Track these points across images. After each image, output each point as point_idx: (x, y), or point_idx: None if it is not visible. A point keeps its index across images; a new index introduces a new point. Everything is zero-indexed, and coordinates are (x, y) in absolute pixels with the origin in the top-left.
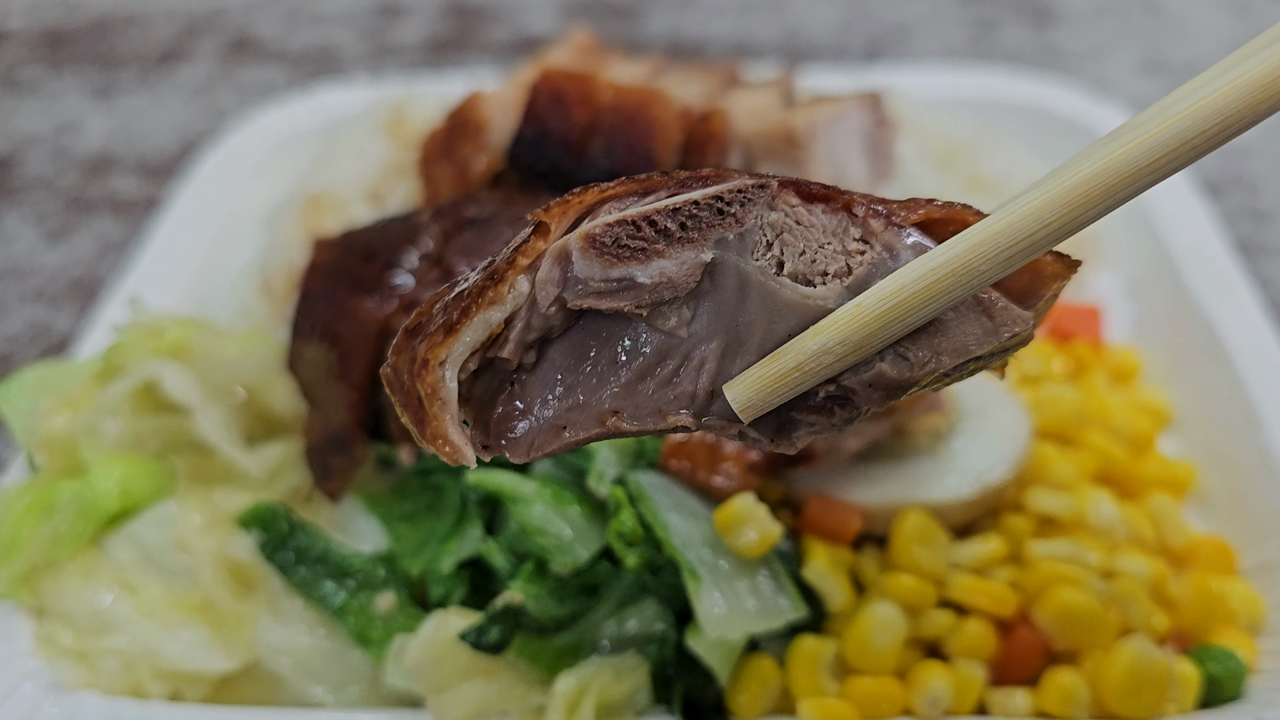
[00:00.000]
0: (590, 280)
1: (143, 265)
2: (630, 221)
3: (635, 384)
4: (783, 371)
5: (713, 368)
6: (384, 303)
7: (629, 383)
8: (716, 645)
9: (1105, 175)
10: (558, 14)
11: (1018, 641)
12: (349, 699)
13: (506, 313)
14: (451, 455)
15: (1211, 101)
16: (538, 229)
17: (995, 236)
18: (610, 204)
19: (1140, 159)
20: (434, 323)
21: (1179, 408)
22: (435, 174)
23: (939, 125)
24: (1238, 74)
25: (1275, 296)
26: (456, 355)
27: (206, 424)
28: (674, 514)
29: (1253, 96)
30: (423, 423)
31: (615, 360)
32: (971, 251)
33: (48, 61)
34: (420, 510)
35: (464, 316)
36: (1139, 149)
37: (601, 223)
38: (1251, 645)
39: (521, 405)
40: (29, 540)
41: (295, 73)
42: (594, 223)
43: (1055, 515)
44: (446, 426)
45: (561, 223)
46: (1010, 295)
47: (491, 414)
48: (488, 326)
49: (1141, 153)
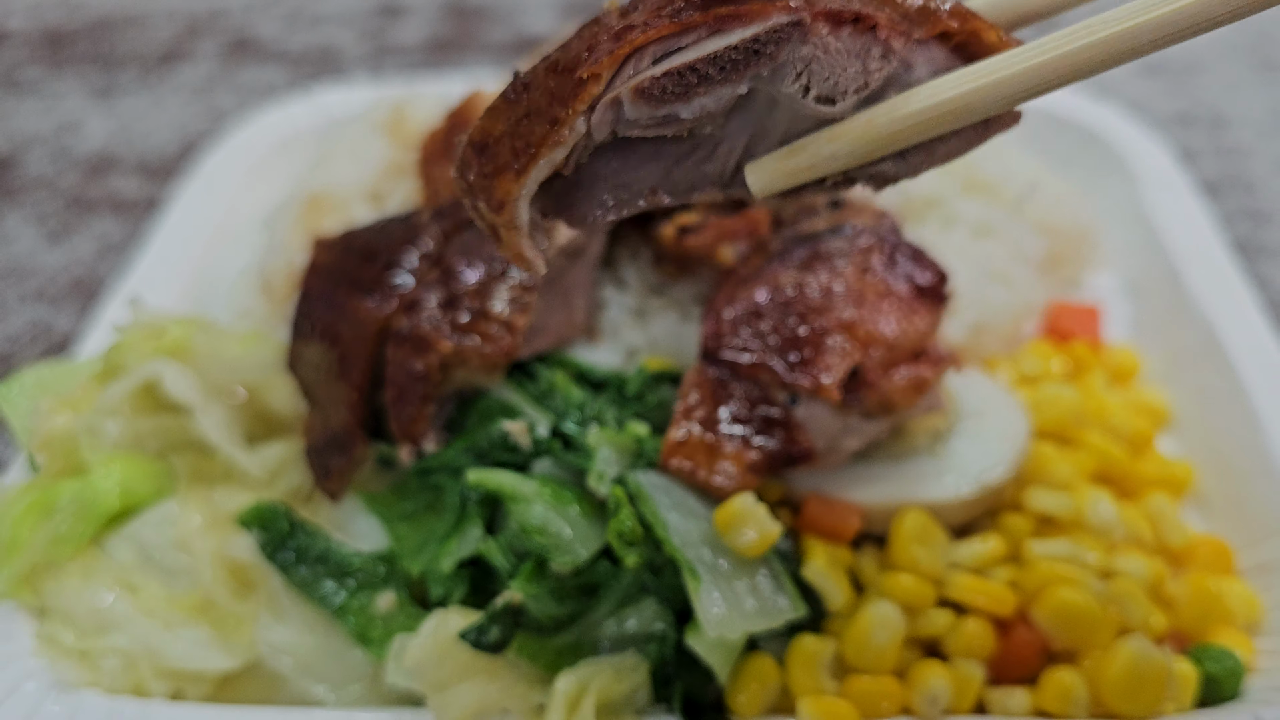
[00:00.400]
0: (640, 120)
1: (143, 265)
2: (675, 72)
3: (673, 168)
4: (798, 167)
5: (739, 153)
6: (384, 303)
7: (667, 168)
8: (716, 644)
9: (1110, 41)
10: (557, 14)
11: (1016, 641)
12: (350, 698)
13: (567, 150)
14: (527, 267)
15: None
16: (589, 80)
17: (998, 82)
18: (653, 46)
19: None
20: (504, 161)
21: (1177, 408)
22: (435, 174)
23: None
24: None
25: (1274, 297)
26: (527, 191)
27: (207, 424)
28: (674, 513)
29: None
30: (500, 242)
31: (657, 156)
32: (975, 94)
33: (48, 62)
34: (420, 510)
35: (531, 161)
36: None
37: (649, 75)
38: (1249, 645)
39: (579, 192)
40: (30, 540)
41: (295, 73)
42: (642, 75)
43: (1054, 515)
44: (522, 246)
45: (609, 71)
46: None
47: (551, 200)
48: (552, 165)
49: (1148, 18)
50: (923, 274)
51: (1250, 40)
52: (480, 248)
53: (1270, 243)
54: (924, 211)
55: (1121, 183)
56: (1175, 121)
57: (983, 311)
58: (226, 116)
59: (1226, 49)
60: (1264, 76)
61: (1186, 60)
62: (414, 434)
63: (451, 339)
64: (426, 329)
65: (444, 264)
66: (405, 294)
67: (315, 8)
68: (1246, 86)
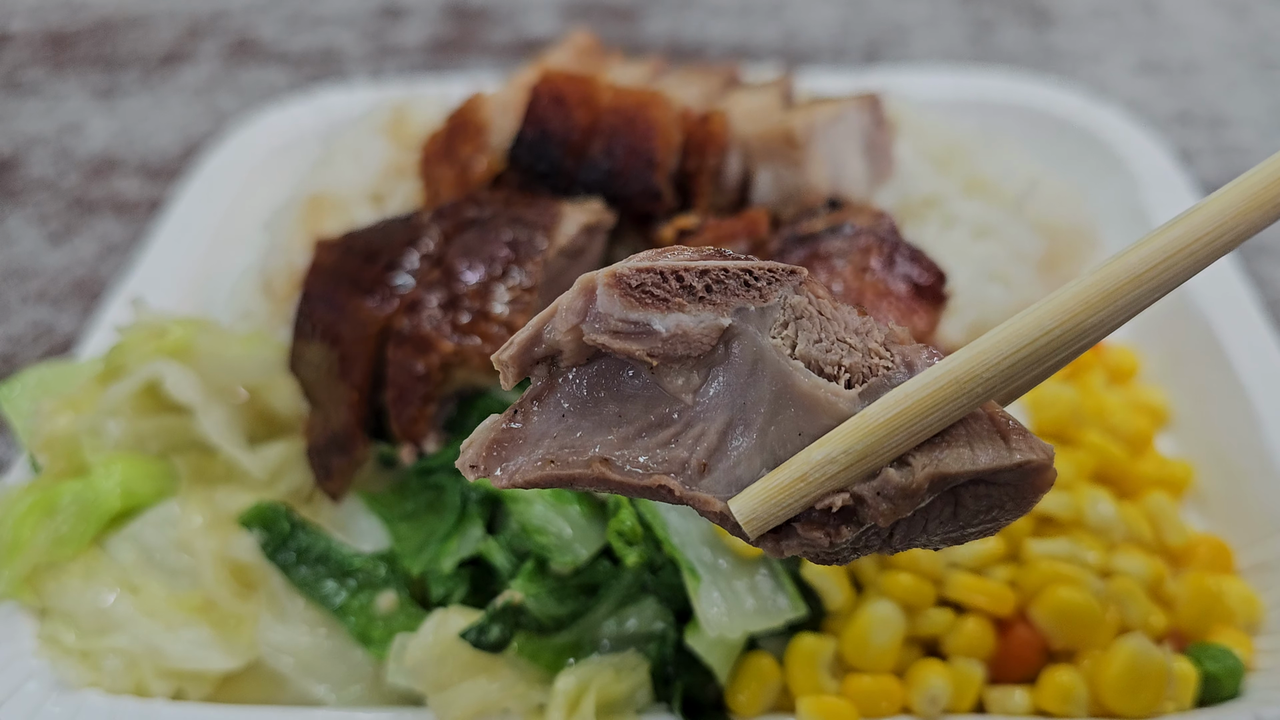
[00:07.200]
0: (609, 317)
1: (145, 266)
2: (658, 271)
3: (632, 438)
4: (787, 482)
5: (711, 442)
6: (385, 303)
7: (626, 436)
8: (716, 644)
9: (1103, 284)
10: (558, 16)
11: (1016, 640)
12: (351, 698)
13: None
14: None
15: (1212, 212)
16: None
17: (998, 344)
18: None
19: (1137, 267)
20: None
21: (1177, 407)
22: (436, 175)
23: (937, 126)
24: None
25: (1273, 296)
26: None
27: (208, 424)
28: (673, 513)
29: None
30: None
31: (620, 411)
32: (975, 360)
33: (50, 63)
34: (421, 510)
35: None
36: (1134, 257)
37: (631, 266)
38: (1249, 644)
39: (521, 437)
40: (31, 541)
41: (297, 75)
42: (624, 265)
43: (1053, 514)
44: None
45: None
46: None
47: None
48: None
49: (1138, 260)
50: (921, 274)
51: (1249, 40)
52: (481, 248)
53: (1270, 242)
54: (923, 211)
55: (1121, 183)
56: (1174, 121)
57: (982, 311)
58: (228, 118)
59: (1224, 50)
60: (1263, 76)
61: (1185, 60)
62: (415, 434)
63: (452, 339)
64: (427, 329)
65: (445, 264)
66: (406, 294)
67: (316, 9)
68: (1245, 86)
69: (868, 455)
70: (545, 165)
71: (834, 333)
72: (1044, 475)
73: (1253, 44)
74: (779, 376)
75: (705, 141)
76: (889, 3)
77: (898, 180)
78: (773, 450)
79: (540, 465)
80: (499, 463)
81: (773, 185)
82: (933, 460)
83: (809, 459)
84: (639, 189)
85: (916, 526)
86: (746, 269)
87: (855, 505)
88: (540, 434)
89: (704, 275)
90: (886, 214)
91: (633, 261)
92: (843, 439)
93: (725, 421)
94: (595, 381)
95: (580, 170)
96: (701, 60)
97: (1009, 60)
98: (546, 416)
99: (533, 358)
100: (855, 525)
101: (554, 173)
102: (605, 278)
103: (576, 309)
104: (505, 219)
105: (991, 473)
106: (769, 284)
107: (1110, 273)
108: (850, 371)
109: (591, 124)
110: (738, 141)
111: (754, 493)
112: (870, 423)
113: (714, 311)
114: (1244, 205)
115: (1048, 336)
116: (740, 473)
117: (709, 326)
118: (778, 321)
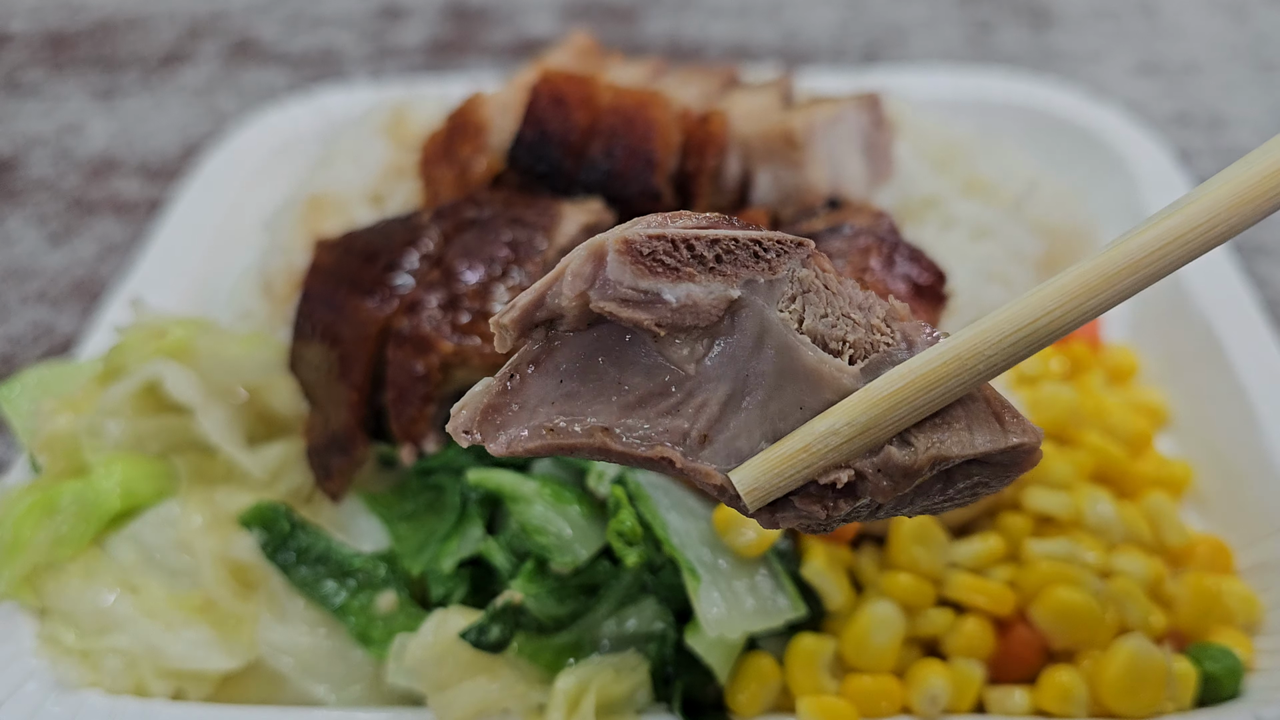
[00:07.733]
0: (619, 284)
1: (145, 267)
2: (669, 239)
3: (633, 407)
4: (790, 453)
5: (713, 411)
6: (385, 304)
7: (627, 405)
8: (716, 644)
9: (1103, 268)
10: (557, 16)
11: (1016, 640)
12: (351, 698)
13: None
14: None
15: (1206, 201)
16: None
17: (1000, 324)
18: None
19: (1136, 252)
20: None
21: (1176, 407)
22: (436, 175)
23: (937, 126)
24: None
25: (1272, 296)
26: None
27: (208, 424)
28: (673, 513)
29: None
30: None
31: (620, 379)
32: (978, 338)
33: (50, 64)
34: (421, 510)
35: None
36: (1135, 243)
37: (641, 232)
38: (1249, 644)
39: (518, 402)
40: (31, 541)
41: (296, 75)
42: (633, 229)
43: (1053, 514)
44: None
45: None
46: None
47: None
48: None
49: (1137, 246)
50: (921, 274)
51: (1248, 41)
52: (480, 249)
53: (1269, 242)
54: (922, 212)
55: (1120, 183)
56: (1173, 122)
57: (981, 311)
58: (228, 118)
59: (1223, 51)
60: (1262, 76)
61: (1184, 61)
62: (415, 434)
63: (452, 339)
64: (427, 329)
65: (444, 265)
66: (406, 295)
67: (316, 10)
68: (1244, 87)
69: (870, 428)
70: (545, 165)
71: (839, 308)
72: (1032, 456)
73: (1251, 45)
74: (784, 350)
75: (705, 142)
76: (888, 3)
77: (897, 180)
78: (773, 423)
79: (541, 434)
80: (496, 429)
81: (772, 185)
82: (934, 442)
83: (812, 430)
84: (639, 189)
85: (905, 500)
86: (755, 239)
87: (856, 481)
88: (537, 400)
89: (714, 245)
90: (886, 214)
91: (641, 226)
92: (846, 411)
93: (727, 393)
94: (595, 348)
95: (580, 170)
96: (701, 60)
97: (1008, 61)
98: (544, 382)
99: (532, 321)
100: (852, 500)
101: (554, 173)
102: (616, 243)
103: (585, 275)
104: (505, 219)
105: (987, 454)
106: (778, 256)
107: (1110, 257)
108: (854, 347)
109: (591, 124)
110: (737, 142)
111: (756, 464)
112: (874, 396)
113: (724, 283)
114: (1240, 196)
115: (1049, 317)
116: (740, 444)
117: (718, 298)
118: (785, 295)
